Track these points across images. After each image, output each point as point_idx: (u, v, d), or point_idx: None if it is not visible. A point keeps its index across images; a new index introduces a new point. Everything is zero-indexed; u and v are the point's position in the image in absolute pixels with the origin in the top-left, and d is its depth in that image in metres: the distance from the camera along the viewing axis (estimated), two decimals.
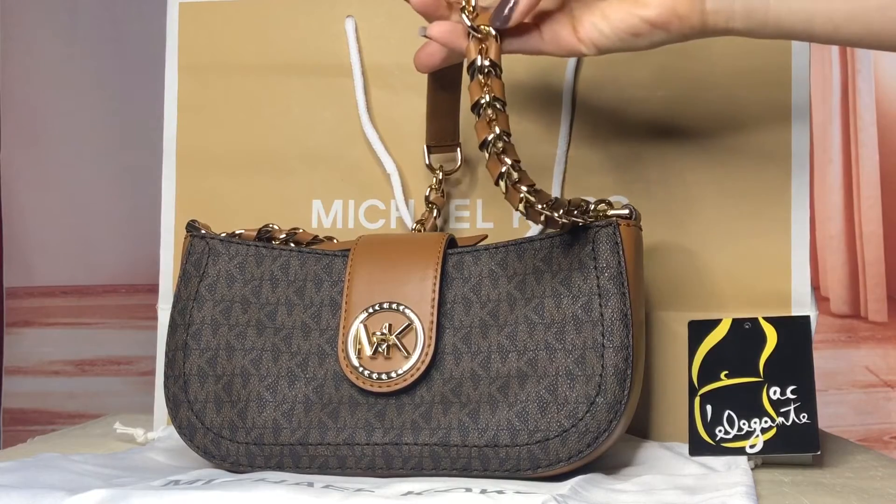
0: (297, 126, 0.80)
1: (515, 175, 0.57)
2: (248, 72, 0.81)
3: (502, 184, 0.57)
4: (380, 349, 0.62)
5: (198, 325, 0.65)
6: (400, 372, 0.61)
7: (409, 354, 0.62)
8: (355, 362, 0.62)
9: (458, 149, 0.75)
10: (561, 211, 0.58)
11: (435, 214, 0.74)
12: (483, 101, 0.57)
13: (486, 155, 0.57)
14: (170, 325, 0.66)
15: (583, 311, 0.59)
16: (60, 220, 1.57)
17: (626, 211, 0.61)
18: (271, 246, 0.67)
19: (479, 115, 0.58)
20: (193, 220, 0.69)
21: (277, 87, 0.80)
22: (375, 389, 0.61)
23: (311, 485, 0.55)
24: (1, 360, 1.59)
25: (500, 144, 0.57)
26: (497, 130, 0.57)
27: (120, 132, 1.53)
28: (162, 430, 0.76)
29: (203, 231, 0.69)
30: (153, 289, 0.80)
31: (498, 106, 0.58)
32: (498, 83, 0.58)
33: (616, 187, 0.75)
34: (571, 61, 0.75)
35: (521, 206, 0.57)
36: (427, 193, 0.75)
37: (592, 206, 0.61)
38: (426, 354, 0.61)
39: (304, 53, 0.80)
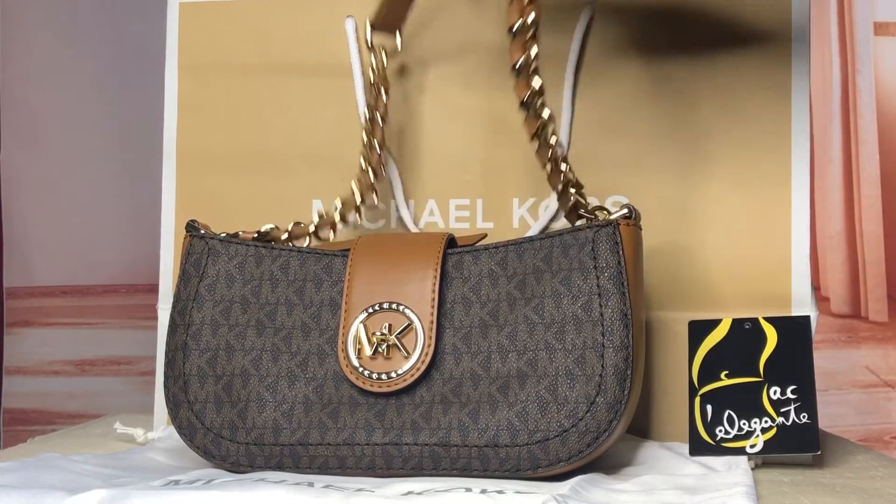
0: (297, 126, 0.80)
1: (550, 129, 0.60)
2: (248, 72, 0.81)
3: (537, 141, 0.60)
4: (380, 349, 0.62)
5: (197, 325, 0.65)
6: (400, 372, 0.61)
7: (408, 354, 0.62)
8: (355, 362, 0.62)
9: (399, 33, 0.75)
10: (577, 189, 0.62)
11: (385, 98, 0.74)
12: (517, 26, 0.59)
13: (525, 113, 0.60)
14: (170, 326, 0.66)
15: (583, 311, 0.59)
16: (60, 220, 1.57)
17: (626, 211, 0.61)
18: (271, 246, 0.67)
19: (518, 74, 0.59)
20: (193, 220, 0.69)
21: (277, 87, 0.80)
22: (375, 389, 0.61)
23: (311, 485, 0.55)
24: (1, 360, 1.59)
25: (538, 101, 0.59)
26: (533, 52, 0.59)
27: (120, 132, 1.53)
28: (162, 430, 0.76)
29: (203, 231, 0.69)
30: (153, 289, 0.80)
31: (535, 31, 0.59)
32: (535, 7, 0.59)
33: (616, 186, 0.75)
34: (572, 59, 0.75)
35: (548, 166, 0.61)
36: (371, 77, 0.74)
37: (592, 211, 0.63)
38: (426, 354, 0.61)
39: (305, 53, 0.80)
